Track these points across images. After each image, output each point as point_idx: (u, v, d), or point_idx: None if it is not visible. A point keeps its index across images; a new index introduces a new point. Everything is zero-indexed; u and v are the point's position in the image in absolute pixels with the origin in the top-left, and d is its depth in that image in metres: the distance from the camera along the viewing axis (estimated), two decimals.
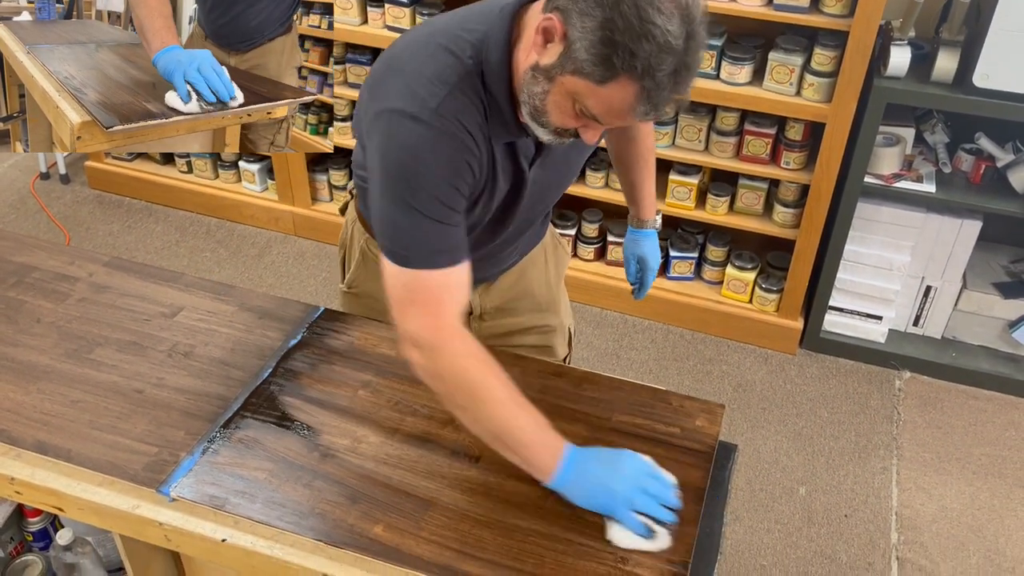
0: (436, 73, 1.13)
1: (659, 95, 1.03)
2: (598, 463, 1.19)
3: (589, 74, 1.03)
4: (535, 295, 1.63)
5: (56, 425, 1.31)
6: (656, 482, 1.20)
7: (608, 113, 1.07)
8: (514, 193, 1.30)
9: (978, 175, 2.48)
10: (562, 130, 1.15)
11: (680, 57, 1.01)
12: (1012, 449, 2.50)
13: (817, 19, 2.29)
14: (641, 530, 1.16)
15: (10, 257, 1.64)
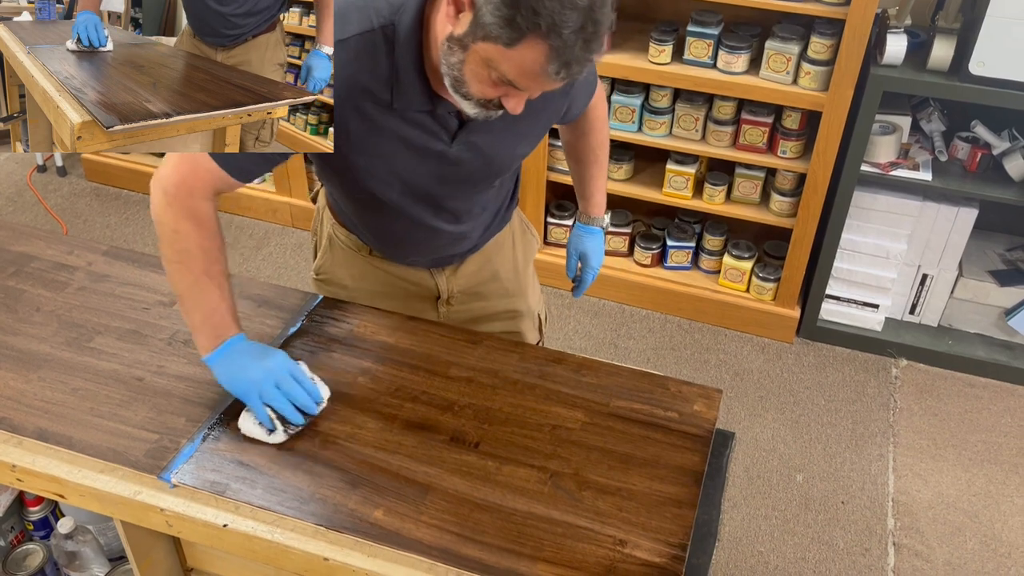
0: (340, 21, 1.18)
1: (569, 53, 1.03)
2: (248, 356, 1.27)
3: (497, 37, 1.04)
4: (502, 279, 1.65)
5: (57, 413, 1.31)
6: (293, 382, 1.26)
7: (522, 76, 1.08)
8: (435, 167, 1.32)
9: (974, 163, 2.49)
10: (485, 101, 1.15)
11: (586, 13, 1.01)
12: (1008, 436, 2.51)
13: (814, 7, 2.29)
14: (263, 419, 1.24)
15: (9, 247, 1.65)
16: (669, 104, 2.60)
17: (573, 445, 1.29)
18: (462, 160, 1.33)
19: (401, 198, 1.37)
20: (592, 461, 1.26)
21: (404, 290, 1.60)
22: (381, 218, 1.46)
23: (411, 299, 1.60)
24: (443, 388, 1.37)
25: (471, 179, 1.40)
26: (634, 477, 1.24)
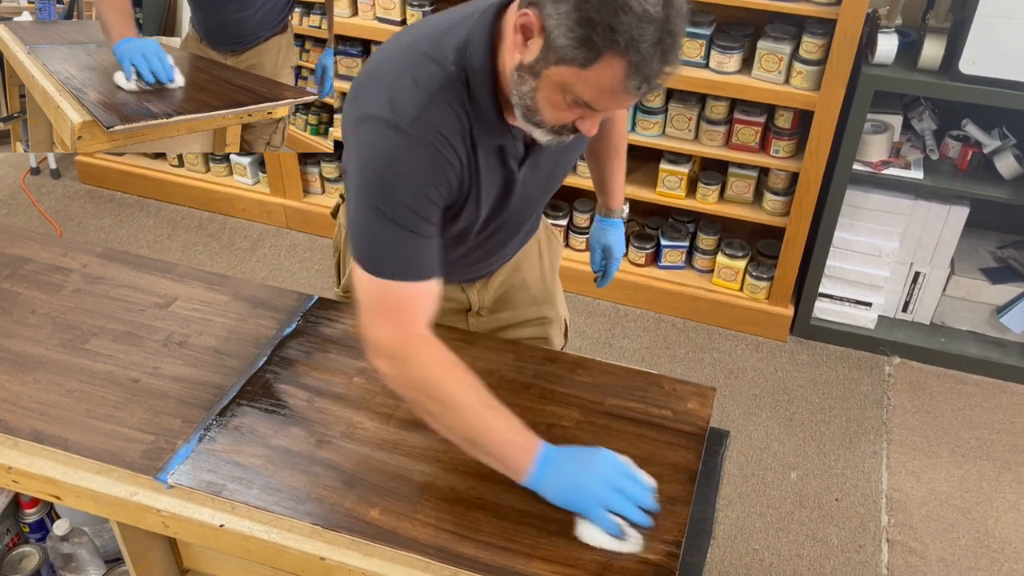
0: (417, 81, 1.13)
1: (648, 67, 1.01)
2: (573, 462, 1.18)
3: (573, 59, 1.02)
4: (530, 287, 1.64)
5: (53, 414, 1.31)
6: (632, 482, 1.18)
7: (601, 96, 1.06)
8: (504, 195, 1.29)
9: (965, 161, 2.51)
10: (559, 127, 1.13)
11: (661, 25, 1.00)
12: (1000, 432, 2.53)
13: (805, 7, 2.30)
14: (614, 530, 1.15)
15: (3, 249, 1.65)
16: (662, 104, 2.61)
17: (569, 443, 1.29)
18: (528, 182, 1.31)
19: (477, 226, 1.33)
20: None
21: None
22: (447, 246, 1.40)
23: (443, 314, 1.55)
24: None
25: (531, 203, 1.39)
26: None
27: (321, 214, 3.18)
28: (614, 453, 1.20)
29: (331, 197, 3.18)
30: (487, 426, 1.16)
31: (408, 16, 2.66)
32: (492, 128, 1.18)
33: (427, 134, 1.12)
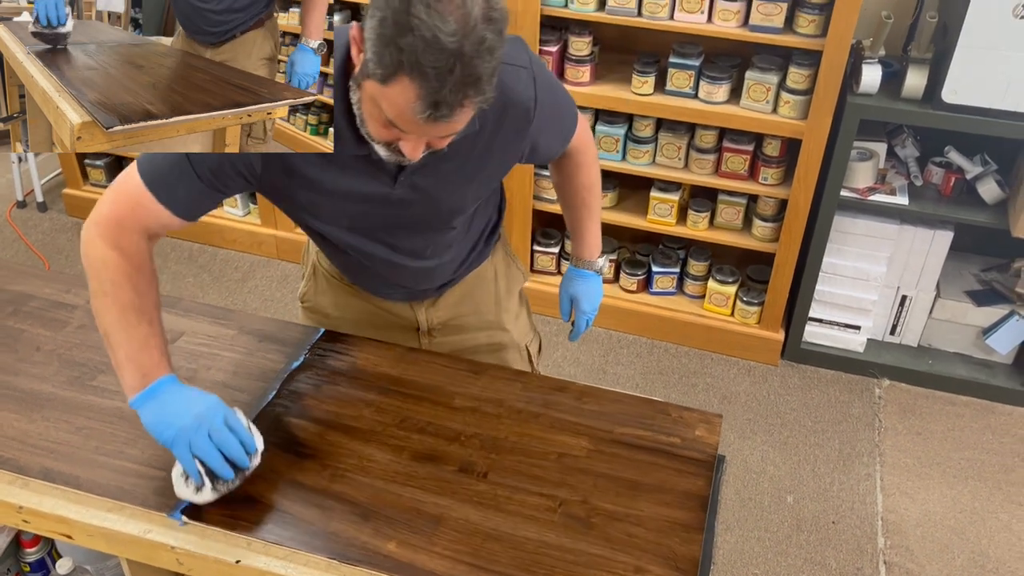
0: None
1: (437, 94, 1.02)
2: (177, 398, 1.20)
3: (374, 75, 1.05)
4: (482, 312, 1.64)
5: (63, 452, 1.31)
6: (226, 432, 1.19)
7: (398, 116, 1.07)
8: (379, 208, 1.32)
9: (948, 187, 2.56)
10: (387, 144, 1.15)
11: (454, 56, 1.00)
12: (990, 453, 2.57)
13: (791, 39, 2.36)
14: (191, 471, 1.17)
15: (5, 286, 1.64)
16: (652, 133, 2.65)
17: (580, 473, 1.31)
18: (407, 202, 1.32)
19: (351, 237, 1.38)
20: (600, 488, 1.28)
21: (385, 320, 1.61)
22: (340, 253, 1.48)
23: (392, 330, 1.60)
24: (449, 418, 1.39)
25: (421, 221, 1.39)
26: (642, 503, 1.26)
27: None
28: (222, 401, 1.22)
29: None
30: (125, 330, 1.21)
31: None
32: (344, 136, 1.21)
33: None
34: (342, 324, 1.62)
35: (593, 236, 1.69)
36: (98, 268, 1.24)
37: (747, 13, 2.37)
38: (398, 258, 1.45)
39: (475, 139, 1.27)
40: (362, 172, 1.28)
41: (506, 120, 1.30)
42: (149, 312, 1.24)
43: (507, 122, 1.30)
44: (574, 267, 1.73)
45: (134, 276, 1.24)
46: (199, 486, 1.19)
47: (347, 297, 1.62)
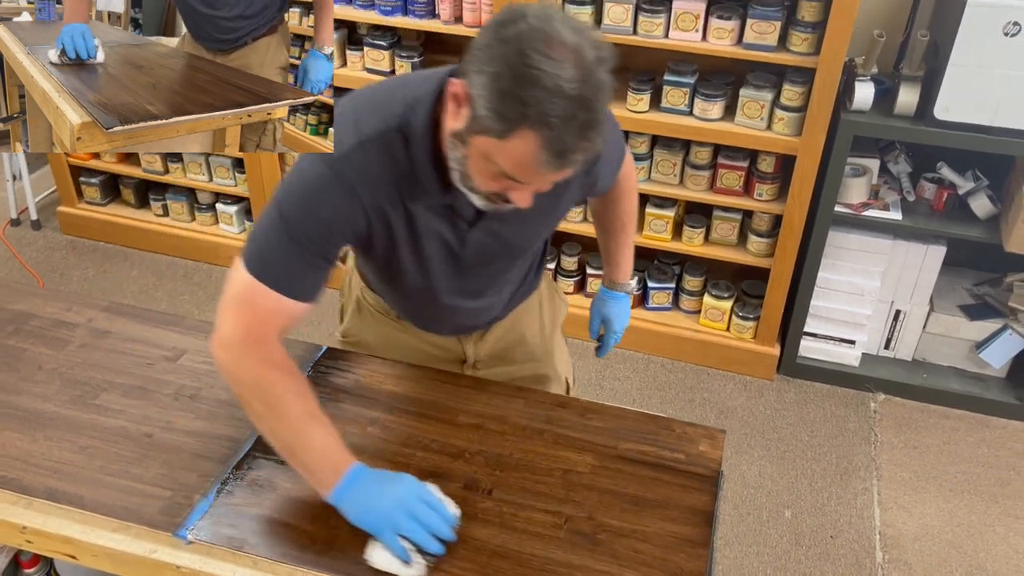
0: (358, 125, 1.19)
1: (562, 143, 1.02)
2: (375, 484, 1.20)
3: (490, 130, 1.04)
4: (528, 343, 1.64)
5: (67, 472, 1.30)
6: (427, 509, 1.19)
7: (518, 168, 1.07)
8: (453, 252, 1.32)
9: (941, 202, 2.59)
10: (492, 195, 1.15)
11: (576, 102, 1.00)
12: (985, 466, 2.58)
13: (785, 57, 2.38)
14: (400, 552, 1.16)
15: (6, 305, 1.64)
16: (647, 150, 2.67)
17: (585, 489, 1.31)
18: (482, 244, 1.33)
19: (424, 281, 1.36)
20: (605, 504, 1.29)
21: (431, 355, 1.60)
22: (405, 296, 1.47)
23: (438, 363, 1.60)
24: (453, 435, 1.39)
25: (492, 262, 1.40)
26: (647, 519, 1.27)
27: None
28: (415, 479, 1.21)
29: None
30: (305, 438, 1.19)
31: (397, 67, 2.71)
32: (429, 186, 1.21)
33: (350, 174, 1.18)
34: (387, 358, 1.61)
35: (629, 260, 1.71)
36: (254, 393, 1.20)
37: (741, 31, 2.40)
38: (459, 299, 1.44)
39: None
40: (443, 219, 1.27)
41: None
42: (316, 412, 1.21)
43: None
44: (608, 289, 1.73)
45: (292, 384, 1.21)
46: (406, 561, 1.17)
47: (393, 332, 1.60)
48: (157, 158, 3.20)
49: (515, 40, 1.01)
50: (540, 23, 1.02)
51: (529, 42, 1.01)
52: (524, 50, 1.00)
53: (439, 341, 1.59)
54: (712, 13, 2.39)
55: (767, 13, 2.34)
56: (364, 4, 2.64)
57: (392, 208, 1.23)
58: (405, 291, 1.43)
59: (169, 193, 3.30)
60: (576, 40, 1.02)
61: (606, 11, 2.45)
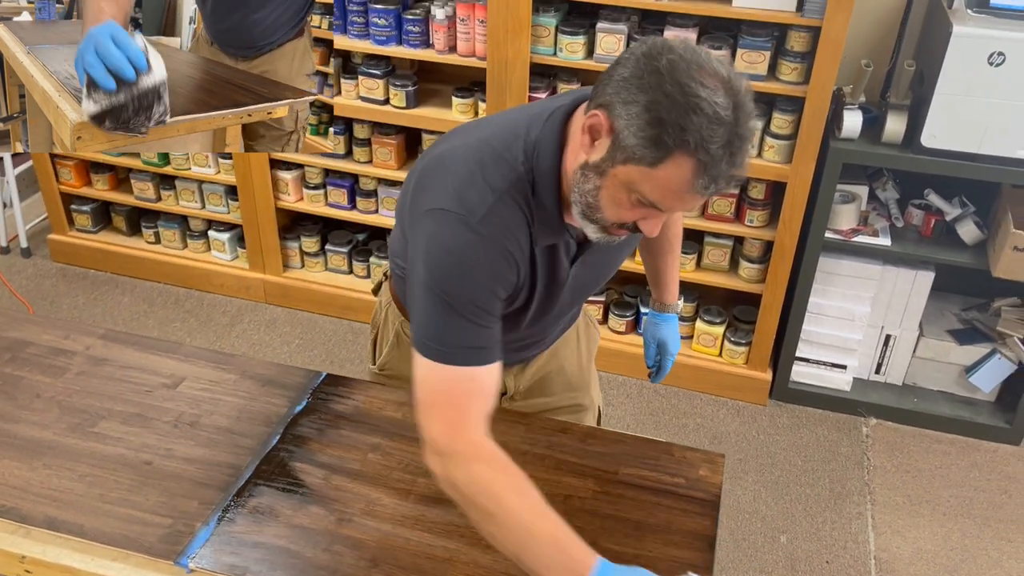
0: (488, 179, 1.16)
1: (716, 168, 1.03)
2: None
3: (641, 158, 1.05)
4: (567, 374, 1.64)
5: (66, 501, 1.30)
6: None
7: (666, 196, 1.07)
8: (553, 289, 1.32)
9: (928, 228, 2.63)
10: (616, 225, 1.15)
11: (731, 128, 1.02)
12: (977, 490, 2.59)
13: (775, 86, 2.42)
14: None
15: (3, 333, 1.64)
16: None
17: (587, 514, 1.31)
18: (579, 279, 1.35)
19: (517, 320, 1.35)
20: (607, 529, 1.29)
21: None
22: None
23: None
24: None
25: (583, 293, 1.42)
26: (649, 544, 1.27)
27: (300, 288, 3.18)
28: None
29: (311, 271, 3.20)
30: (534, 544, 1.08)
31: (391, 96, 2.73)
32: (552, 227, 1.22)
33: (495, 232, 1.16)
34: None
35: (676, 280, 1.72)
36: (472, 497, 1.12)
37: (731, 61, 2.43)
38: (533, 333, 1.44)
39: None
40: (551, 257, 1.27)
41: None
42: (539, 505, 1.11)
43: None
44: (658, 312, 1.74)
45: (509, 479, 1.12)
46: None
47: None
48: (150, 185, 3.20)
49: (669, 71, 1.02)
50: (689, 55, 1.04)
51: (685, 71, 1.02)
52: (680, 80, 1.01)
53: None
54: (703, 43, 2.43)
55: (757, 43, 2.38)
56: (359, 34, 2.67)
57: (528, 254, 1.22)
58: None
59: (161, 220, 3.30)
60: (725, 70, 1.04)
61: (599, 41, 2.48)
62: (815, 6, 2.27)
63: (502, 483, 1.11)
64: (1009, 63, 2.20)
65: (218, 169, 3.08)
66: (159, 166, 3.13)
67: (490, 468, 1.12)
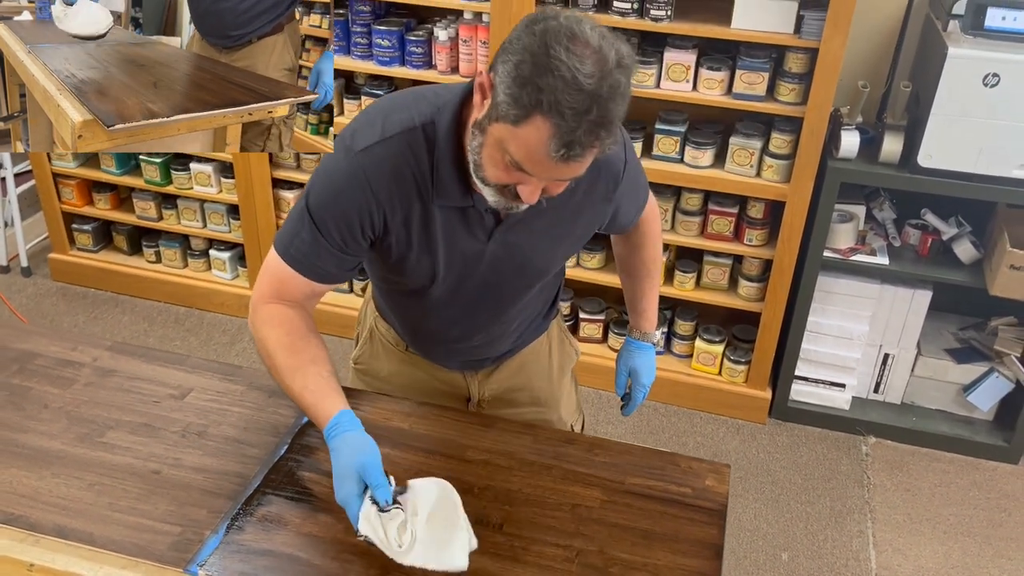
0: (384, 124, 1.25)
1: (571, 135, 1.05)
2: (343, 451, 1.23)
3: (506, 116, 1.08)
4: (534, 388, 1.66)
5: (75, 509, 1.30)
6: None
7: (528, 158, 1.09)
8: (470, 263, 1.35)
9: (925, 248, 2.65)
10: (502, 187, 1.17)
11: (592, 98, 1.03)
12: (977, 508, 2.60)
13: (773, 107, 2.46)
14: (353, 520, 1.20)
15: (10, 344, 1.64)
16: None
17: (595, 523, 1.32)
18: (498, 259, 1.35)
19: (439, 293, 1.40)
20: (615, 538, 1.30)
21: (437, 389, 1.61)
22: (417, 313, 1.49)
23: (443, 398, 1.61)
24: (461, 471, 1.40)
25: (509, 280, 1.42)
26: (657, 552, 1.28)
27: None
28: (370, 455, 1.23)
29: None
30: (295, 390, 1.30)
31: None
32: (451, 187, 1.26)
33: (369, 167, 1.24)
34: (394, 389, 1.63)
35: (654, 309, 1.70)
36: (259, 346, 1.34)
37: (730, 82, 2.47)
38: (472, 321, 1.46)
39: (569, 197, 1.29)
40: (461, 225, 1.31)
41: (599, 180, 1.34)
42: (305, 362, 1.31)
43: (599, 182, 1.34)
44: (634, 339, 1.72)
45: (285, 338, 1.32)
46: None
47: (401, 364, 1.62)
48: (151, 204, 3.21)
49: (542, 33, 1.06)
50: (569, 22, 1.07)
51: (555, 36, 1.05)
52: (548, 42, 1.05)
53: (445, 376, 1.60)
54: (702, 64, 2.47)
55: (755, 64, 2.42)
56: (362, 55, 2.70)
57: (411, 206, 1.28)
58: (419, 307, 1.45)
59: (162, 239, 3.31)
60: (600, 43, 1.07)
61: None
62: (812, 28, 2.31)
63: (277, 342, 1.31)
64: (1004, 84, 2.24)
65: (220, 188, 3.10)
66: (161, 185, 3.15)
67: (275, 330, 1.32)
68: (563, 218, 1.33)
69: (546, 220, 1.32)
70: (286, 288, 1.34)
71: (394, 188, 1.25)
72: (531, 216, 1.29)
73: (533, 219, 1.31)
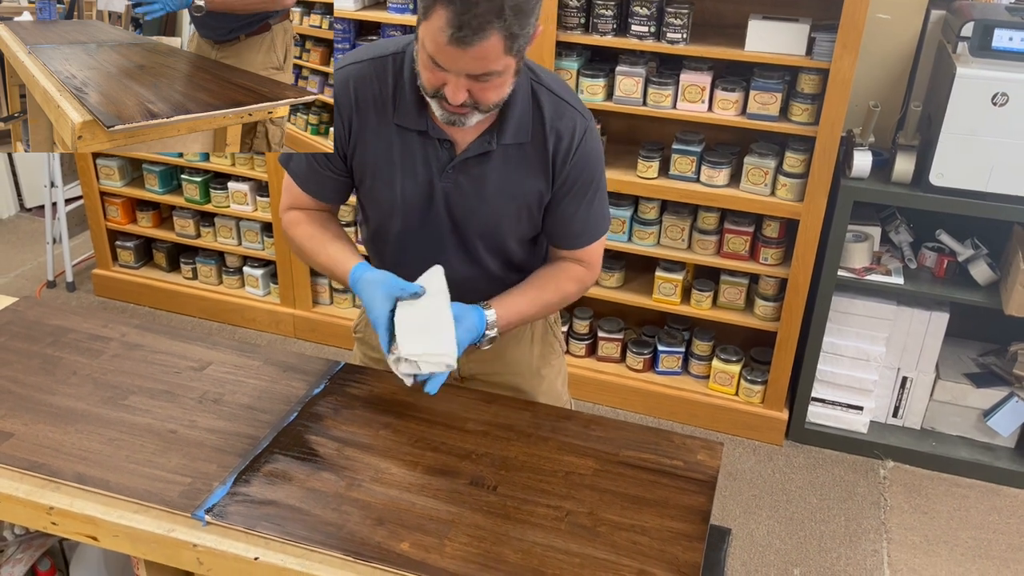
0: (365, 51, 1.48)
1: (462, 16, 1.20)
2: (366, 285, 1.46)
3: (421, 14, 1.25)
4: (514, 374, 1.71)
5: (95, 460, 1.37)
6: None
7: (436, 49, 1.25)
8: (424, 197, 1.49)
9: (942, 269, 2.67)
10: (436, 92, 1.32)
11: None
12: (996, 533, 2.56)
13: (786, 126, 2.52)
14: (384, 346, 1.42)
15: (47, 320, 1.74)
16: (657, 215, 2.79)
17: (587, 488, 1.36)
18: (450, 197, 1.49)
19: (402, 227, 1.53)
20: (605, 502, 1.33)
21: None
22: (393, 259, 1.59)
23: None
24: (461, 440, 1.46)
25: (464, 228, 1.51)
26: (646, 515, 1.31)
27: (328, 323, 3.29)
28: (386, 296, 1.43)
29: (339, 307, 3.31)
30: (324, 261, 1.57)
31: None
32: (410, 109, 1.44)
33: (349, 75, 1.46)
34: (384, 362, 1.67)
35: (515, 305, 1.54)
36: (290, 240, 1.62)
37: (745, 102, 2.55)
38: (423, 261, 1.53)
39: (518, 149, 1.46)
40: (421, 150, 1.47)
41: (548, 144, 1.46)
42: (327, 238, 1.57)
43: (549, 147, 1.46)
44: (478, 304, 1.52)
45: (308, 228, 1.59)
46: None
47: None
48: (191, 222, 3.36)
49: None
50: None
51: None
52: None
53: None
54: (717, 85, 2.55)
55: (769, 85, 2.50)
56: None
57: (378, 121, 1.45)
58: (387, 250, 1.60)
59: (200, 256, 3.44)
60: None
61: (618, 83, 2.61)
62: (823, 49, 2.39)
63: (303, 234, 1.59)
64: (1012, 103, 2.28)
65: (255, 207, 3.23)
66: (201, 203, 3.29)
67: (298, 228, 1.60)
68: (510, 169, 1.46)
69: (495, 174, 1.46)
70: (296, 200, 1.59)
71: (366, 98, 1.44)
72: (480, 161, 1.45)
73: (483, 163, 1.45)
